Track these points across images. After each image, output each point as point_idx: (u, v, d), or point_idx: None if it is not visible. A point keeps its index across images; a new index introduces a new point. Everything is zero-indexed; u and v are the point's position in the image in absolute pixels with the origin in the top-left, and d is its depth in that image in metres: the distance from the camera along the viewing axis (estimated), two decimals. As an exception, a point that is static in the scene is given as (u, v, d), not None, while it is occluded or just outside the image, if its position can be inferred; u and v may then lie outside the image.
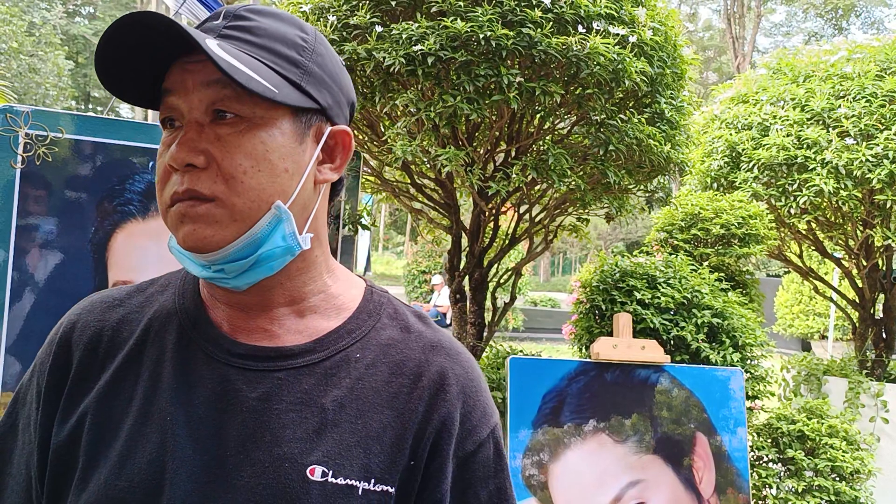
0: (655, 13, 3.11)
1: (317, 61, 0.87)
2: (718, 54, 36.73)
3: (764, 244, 3.85)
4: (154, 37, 0.79)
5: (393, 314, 0.95)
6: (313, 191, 0.89)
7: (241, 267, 0.84)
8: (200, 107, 0.82)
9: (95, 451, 0.85)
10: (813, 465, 3.40)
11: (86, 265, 2.67)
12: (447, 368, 0.90)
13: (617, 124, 2.95)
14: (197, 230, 0.81)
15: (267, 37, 0.84)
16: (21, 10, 22.89)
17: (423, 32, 2.68)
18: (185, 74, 0.82)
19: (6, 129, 2.52)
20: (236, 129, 0.81)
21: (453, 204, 3.65)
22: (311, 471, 0.81)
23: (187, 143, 0.81)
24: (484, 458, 0.89)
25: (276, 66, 0.83)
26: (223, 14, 0.86)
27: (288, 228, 0.84)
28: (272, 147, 0.82)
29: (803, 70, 4.41)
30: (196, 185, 0.80)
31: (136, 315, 0.95)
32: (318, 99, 0.87)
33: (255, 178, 0.81)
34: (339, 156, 0.92)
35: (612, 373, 3.11)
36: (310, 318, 0.90)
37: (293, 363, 0.86)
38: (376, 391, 0.86)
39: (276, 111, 0.83)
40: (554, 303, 17.75)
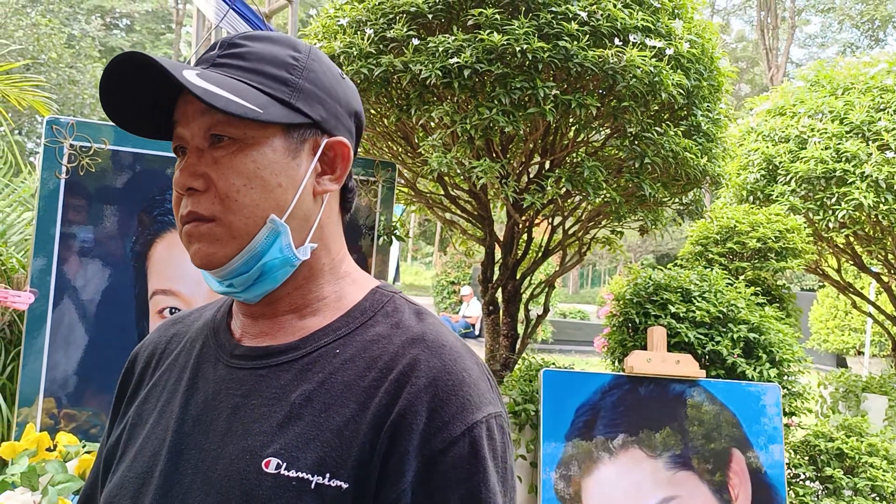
0: (692, 25, 3.09)
1: (308, 77, 0.91)
2: (751, 66, 36.37)
3: (801, 258, 3.79)
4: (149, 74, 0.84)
5: (391, 311, 0.93)
6: (314, 202, 0.93)
7: (247, 280, 0.89)
8: (200, 133, 0.88)
9: (125, 448, 0.95)
10: (852, 485, 3.33)
11: (126, 274, 2.71)
12: (421, 360, 0.85)
13: (653, 137, 2.93)
14: (201, 248, 0.87)
15: (256, 60, 0.89)
16: (61, 22, 23.41)
17: (460, 45, 2.69)
18: (187, 105, 0.89)
19: (52, 140, 2.58)
20: (229, 151, 0.86)
21: (487, 216, 3.65)
22: (266, 463, 0.82)
23: (188, 169, 0.87)
24: (456, 458, 0.81)
25: (264, 87, 0.87)
26: (219, 44, 0.92)
27: (284, 241, 0.89)
28: (263, 164, 0.87)
29: (842, 82, 4.35)
30: (197, 207, 0.87)
31: (186, 329, 1.04)
32: (310, 113, 0.90)
33: (249, 195, 0.86)
34: (339, 166, 0.95)
35: (646, 387, 3.08)
36: (308, 319, 0.93)
37: (275, 360, 0.89)
38: (347, 385, 0.85)
39: (266, 130, 0.88)
40: (583, 315, 17.63)
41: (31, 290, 2.58)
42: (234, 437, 0.85)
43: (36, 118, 21.71)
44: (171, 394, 0.94)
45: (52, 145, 2.59)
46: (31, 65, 17.58)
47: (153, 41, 33.27)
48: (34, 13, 21.00)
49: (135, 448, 0.93)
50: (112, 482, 0.93)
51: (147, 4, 31.30)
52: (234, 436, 0.85)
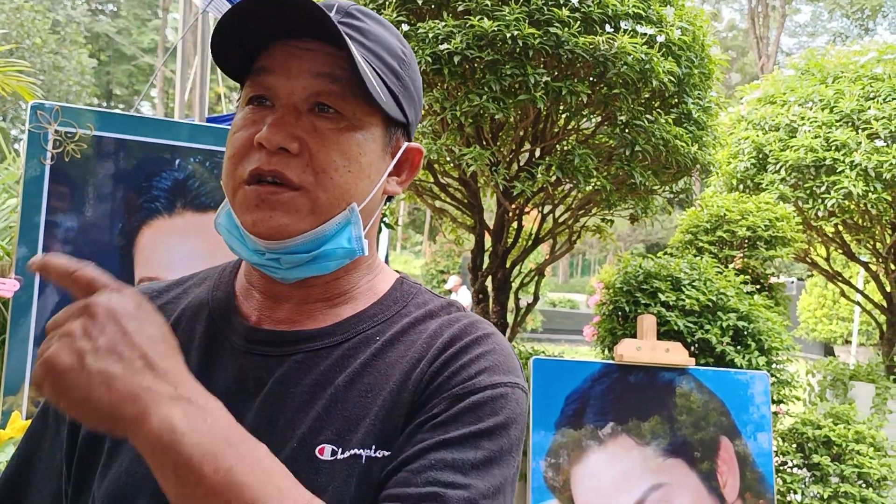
0: (683, 13, 3.08)
1: (411, 77, 0.89)
2: (742, 54, 36.41)
3: (791, 247, 3.80)
4: (283, 14, 0.78)
5: (421, 303, 0.93)
6: (380, 199, 0.90)
7: (300, 260, 0.84)
8: (303, 94, 0.81)
9: (118, 439, 0.85)
10: (839, 471, 3.35)
11: (112, 261, 2.68)
12: (457, 333, 0.85)
13: (643, 124, 2.92)
14: (274, 217, 0.80)
15: (377, 42, 0.85)
16: (46, 7, 23.17)
17: (450, 31, 2.67)
18: (291, 58, 0.82)
19: (36, 125, 2.54)
20: (336, 126, 0.82)
21: (477, 203, 3.63)
22: (321, 450, 0.79)
23: (284, 127, 0.80)
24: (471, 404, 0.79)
25: (382, 74, 0.84)
26: (335, 8, 0.85)
27: (355, 232, 0.85)
28: (364, 151, 0.84)
29: (832, 71, 4.36)
30: (286, 169, 0.80)
31: (171, 306, 0.96)
32: (408, 113, 0.88)
33: (344, 176, 0.82)
34: (406, 171, 0.93)
35: (635, 375, 3.09)
36: (338, 308, 0.90)
37: (311, 346, 0.85)
38: (389, 365, 0.84)
39: (374, 117, 0.84)
40: (573, 304, 17.69)
41: (15, 278, 2.55)
42: (276, 428, 0.81)
43: (20, 104, 21.51)
44: None
45: (36, 131, 2.56)
46: (14, 50, 17.39)
47: (139, 27, 32.99)
48: (18, -2, 20.77)
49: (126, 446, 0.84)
50: (113, 477, 0.84)
51: (137, -11, 31.03)
52: (276, 426, 0.81)
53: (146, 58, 32.26)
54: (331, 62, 0.81)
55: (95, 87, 28.62)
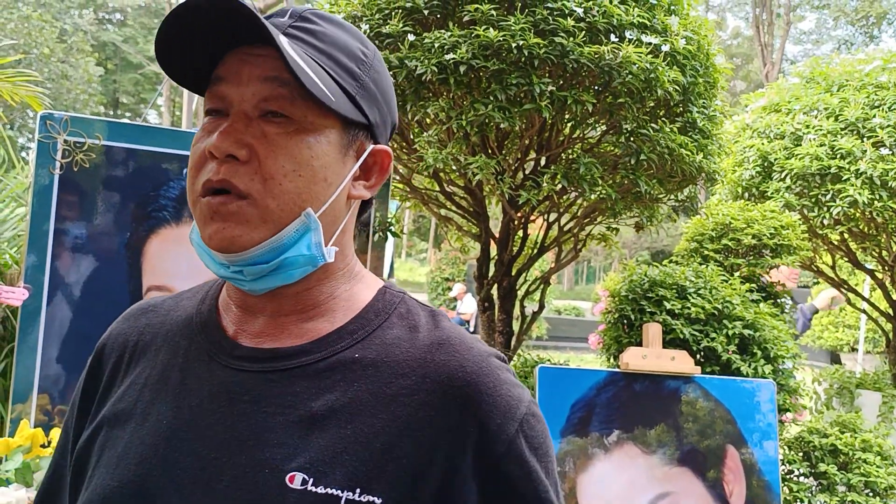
0: (688, 22, 3.09)
1: (373, 77, 0.87)
2: (746, 62, 36.40)
3: (796, 255, 3.80)
4: (221, 21, 0.78)
5: (404, 313, 0.89)
6: (345, 205, 0.88)
7: (262, 271, 0.81)
8: (252, 100, 0.80)
9: (102, 452, 0.86)
10: (846, 480, 3.34)
11: (120, 270, 2.70)
12: (455, 367, 0.82)
13: (649, 133, 2.93)
14: (226, 229, 0.79)
15: (331, 43, 0.83)
16: (53, 16, 23.31)
17: (456, 41, 2.69)
18: (242, 66, 0.81)
19: (45, 135, 2.57)
20: (285, 130, 0.80)
21: (482, 212, 3.65)
22: (291, 478, 0.76)
23: (233, 134, 0.79)
24: (517, 455, 0.80)
25: (335, 75, 0.82)
26: (289, 13, 0.85)
27: (315, 238, 0.82)
28: (317, 154, 0.81)
29: (837, 79, 4.36)
30: (233, 177, 0.79)
31: (161, 320, 0.95)
32: (368, 115, 0.85)
33: (294, 182, 0.80)
34: (375, 175, 0.90)
35: (641, 383, 3.09)
36: (315, 321, 0.87)
37: (286, 364, 0.83)
38: (373, 394, 0.80)
39: (327, 119, 0.82)
40: (578, 311, 17.66)
41: (24, 286, 2.57)
42: (244, 447, 0.78)
43: (28, 113, 21.63)
44: (156, 393, 0.86)
45: (45, 141, 2.58)
46: (22, 59, 17.49)
47: (146, 36, 33.14)
48: (25, 7, 20.90)
49: (115, 452, 0.84)
50: (90, 490, 0.84)
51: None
52: (244, 445, 0.79)
53: (152, 66, 32.42)
54: (279, 66, 0.79)
55: (102, 96, 28.76)
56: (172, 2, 29.58)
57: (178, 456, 0.80)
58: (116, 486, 0.81)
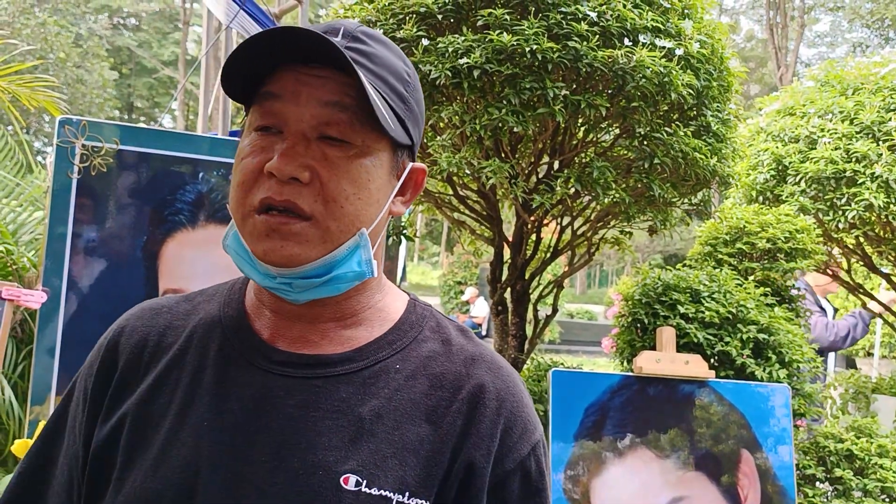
0: (702, 26, 3.09)
1: (415, 97, 0.89)
2: (760, 65, 36.23)
3: (811, 259, 3.78)
4: (285, 42, 0.78)
5: (435, 327, 0.94)
6: (385, 219, 0.91)
7: (311, 284, 0.84)
8: (311, 122, 0.81)
9: (133, 452, 0.87)
10: (862, 486, 3.32)
11: (138, 273, 2.73)
12: (487, 382, 0.87)
13: (662, 137, 2.93)
14: (285, 247, 0.81)
15: (383, 66, 0.85)
16: (68, 21, 23.52)
17: (469, 45, 2.69)
18: (300, 86, 0.81)
19: (64, 140, 2.60)
20: (346, 154, 0.82)
21: (496, 216, 3.65)
22: (345, 479, 0.79)
23: (295, 157, 0.80)
24: (524, 476, 0.86)
25: (389, 99, 0.84)
26: (341, 32, 0.85)
27: (365, 255, 0.85)
28: (374, 177, 0.84)
29: (852, 82, 4.34)
30: (298, 198, 0.80)
31: (182, 322, 0.96)
32: (413, 136, 0.88)
33: (354, 204, 0.82)
34: (409, 191, 0.93)
35: (655, 387, 3.08)
36: (354, 329, 0.90)
37: (331, 371, 0.86)
38: (415, 403, 0.84)
39: (381, 143, 0.84)
40: (590, 315, 17.62)
41: (42, 289, 2.59)
42: (296, 450, 0.81)
43: (43, 117, 21.82)
44: (190, 395, 0.87)
45: (64, 145, 2.61)
46: (38, 64, 17.66)
47: (160, 40, 33.37)
48: (41, 12, 21.09)
49: (151, 454, 0.85)
50: (127, 492, 0.85)
51: (154, 4, 31.39)
52: (296, 448, 0.81)
53: (167, 70, 32.62)
54: (339, 90, 0.81)
55: (117, 100, 28.97)
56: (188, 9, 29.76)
57: (226, 459, 0.82)
58: (161, 489, 0.82)
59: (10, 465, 2.86)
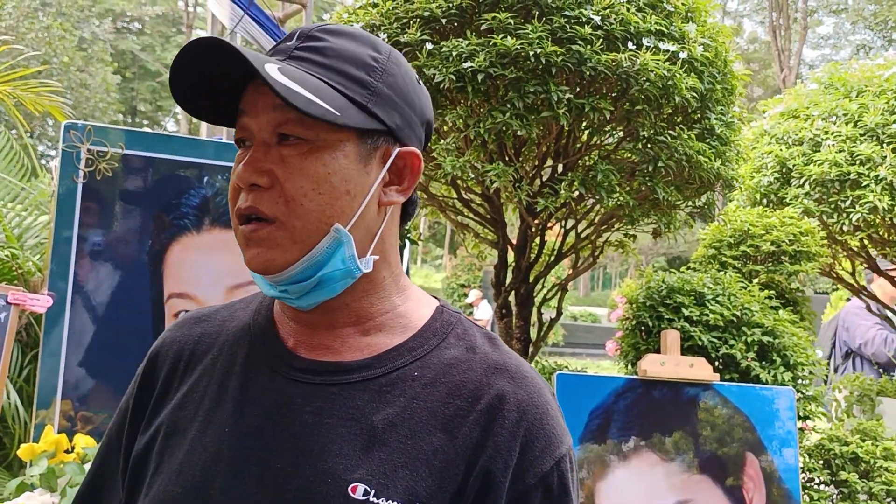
0: (706, 29, 3.09)
1: (387, 81, 0.87)
2: (764, 67, 36.21)
3: (816, 261, 3.78)
4: (224, 61, 0.81)
5: (461, 334, 0.92)
6: (377, 213, 0.89)
7: (304, 289, 0.85)
8: (268, 128, 0.83)
9: (162, 458, 0.88)
10: (867, 489, 3.31)
11: (142, 277, 2.73)
12: (508, 392, 0.85)
13: (666, 140, 2.93)
14: (261, 253, 0.83)
15: (336, 57, 0.85)
16: (72, 25, 23.59)
17: (473, 49, 2.70)
18: (257, 96, 0.84)
19: (69, 145, 2.60)
20: (299, 151, 0.82)
21: (500, 219, 3.65)
22: (353, 488, 0.78)
23: (253, 163, 0.83)
24: (545, 492, 0.83)
25: (342, 88, 0.83)
26: (297, 35, 0.87)
27: (348, 251, 0.85)
28: (334, 170, 0.83)
29: (856, 85, 4.33)
30: (259, 204, 0.82)
31: (217, 329, 0.98)
32: (386, 120, 0.86)
33: (315, 200, 0.82)
34: (407, 178, 0.92)
35: (659, 390, 3.08)
36: (374, 336, 0.89)
37: (348, 378, 0.85)
38: (431, 412, 0.83)
39: (340, 133, 0.84)
40: (594, 318, 17.61)
41: (48, 294, 2.60)
42: (309, 457, 0.81)
43: (47, 122, 21.88)
44: (216, 402, 0.89)
45: (69, 150, 2.62)
46: (42, 69, 17.72)
47: (163, 44, 33.45)
48: (45, 17, 21.16)
49: (177, 459, 0.87)
50: (152, 496, 0.87)
51: (157, 7, 31.48)
52: (309, 455, 0.81)
53: (170, 74, 32.60)
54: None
55: (120, 104, 29.04)
56: (191, 13, 29.85)
57: (243, 464, 0.83)
58: (181, 493, 0.84)
59: (15, 469, 2.86)
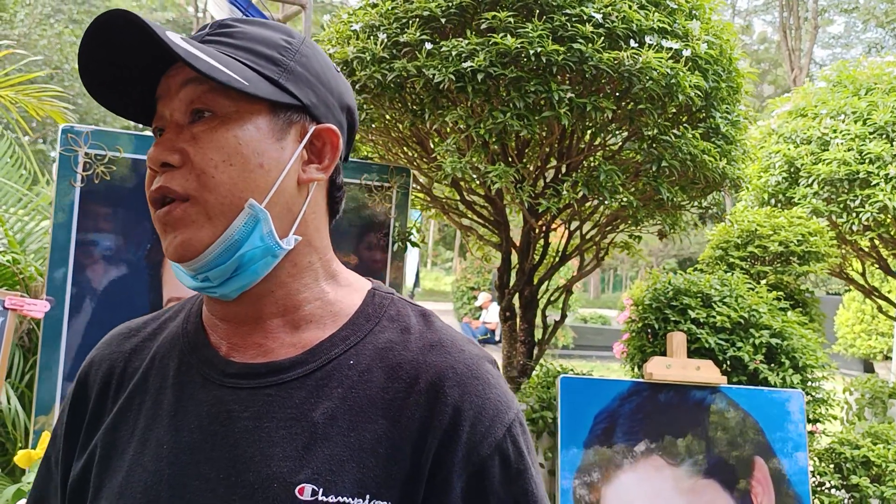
0: (710, 26, 3.05)
1: (300, 61, 0.86)
2: (774, 67, 36.01)
3: (825, 262, 3.73)
4: (131, 43, 0.80)
5: (395, 315, 0.89)
6: (297, 191, 0.86)
7: (224, 273, 0.81)
8: (181, 107, 0.82)
9: (100, 482, 0.85)
10: (879, 493, 3.26)
11: (141, 281, 2.72)
12: (446, 368, 0.82)
13: (670, 140, 2.89)
14: (177, 236, 0.80)
15: (246, 39, 0.85)
16: (83, 30, 23.77)
17: (473, 49, 2.67)
18: (169, 80, 0.83)
19: (67, 148, 2.59)
20: (210, 125, 0.81)
21: (503, 221, 3.62)
22: (301, 490, 0.76)
23: (164, 143, 0.80)
24: (502, 460, 0.81)
25: (252, 64, 0.82)
26: (211, 24, 0.87)
27: (265, 228, 0.82)
28: (245, 141, 0.81)
29: (865, 83, 4.28)
30: (170, 182, 0.79)
31: (148, 343, 0.94)
32: (299, 95, 0.85)
33: (227, 172, 0.80)
34: (327, 155, 0.88)
35: (665, 393, 3.03)
36: (304, 329, 0.86)
37: (283, 377, 0.82)
38: (370, 399, 0.80)
39: (252, 106, 0.82)
40: (604, 320, 17.50)
41: (47, 299, 2.59)
42: (252, 464, 0.78)
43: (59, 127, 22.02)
44: (151, 419, 0.85)
45: (67, 154, 2.60)
46: (55, 74, 17.85)
47: (175, 50, 33.73)
48: (57, 23, 21.32)
49: (116, 482, 0.83)
50: None
51: (168, 13, 31.67)
52: (252, 462, 0.78)
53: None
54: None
55: (132, 109, 29.25)
56: (200, 17, 29.97)
57: (185, 480, 0.80)
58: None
59: (16, 474, 2.86)
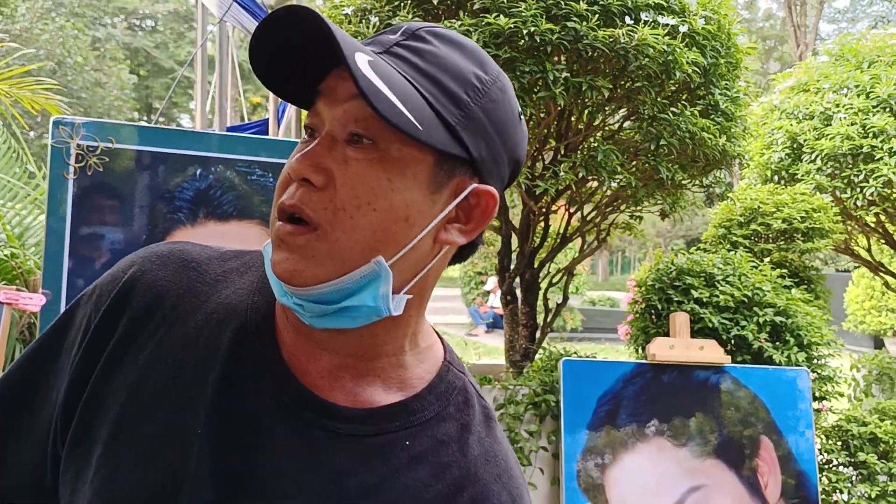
0: (707, 1, 3.00)
1: (485, 107, 0.75)
2: (780, 43, 35.67)
3: (829, 238, 3.69)
4: (309, 37, 0.70)
5: (461, 404, 0.84)
6: (430, 249, 0.78)
7: (323, 311, 0.74)
8: (342, 119, 0.72)
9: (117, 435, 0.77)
10: (887, 470, 3.23)
11: (137, 273, 2.70)
12: (495, 490, 0.79)
13: (669, 118, 2.85)
14: (289, 260, 0.72)
15: (437, 65, 0.74)
16: (85, 24, 23.71)
17: (466, 30, 2.64)
18: (338, 81, 0.73)
19: (59, 140, 2.57)
20: (366, 157, 0.71)
21: (502, 203, 3.59)
22: None
23: (313, 157, 0.71)
24: None
25: (434, 100, 0.72)
26: (402, 30, 0.76)
27: (382, 289, 0.74)
28: (398, 187, 0.72)
29: (867, 56, 4.22)
30: (306, 203, 0.71)
31: (206, 289, 0.84)
32: (471, 148, 0.74)
33: (368, 216, 0.71)
34: (476, 218, 0.79)
35: (669, 374, 3.02)
36: (368, 383, 0.80)
37: (335, 427, 0.77)
38: (410, 492, 0.76)
39: (417, 150, 0.72)
40: (613, 302, 17.45)
41: (43, 292, 2.58)
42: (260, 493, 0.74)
43: (56, 120, 22.04)
44: (190, 393, 0.78)
45: (58, 146, 2.59)
46: (57, 68, 17.84)
47: (175, 40, 33.58)
48: (58, 17, 21.30)
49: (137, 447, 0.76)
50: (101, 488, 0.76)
51: (170, 4, 31.60)
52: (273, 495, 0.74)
53: (184, 70, 32.83)
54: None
55: (136, 102, 29.21)
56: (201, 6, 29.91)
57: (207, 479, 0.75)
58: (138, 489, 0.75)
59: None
